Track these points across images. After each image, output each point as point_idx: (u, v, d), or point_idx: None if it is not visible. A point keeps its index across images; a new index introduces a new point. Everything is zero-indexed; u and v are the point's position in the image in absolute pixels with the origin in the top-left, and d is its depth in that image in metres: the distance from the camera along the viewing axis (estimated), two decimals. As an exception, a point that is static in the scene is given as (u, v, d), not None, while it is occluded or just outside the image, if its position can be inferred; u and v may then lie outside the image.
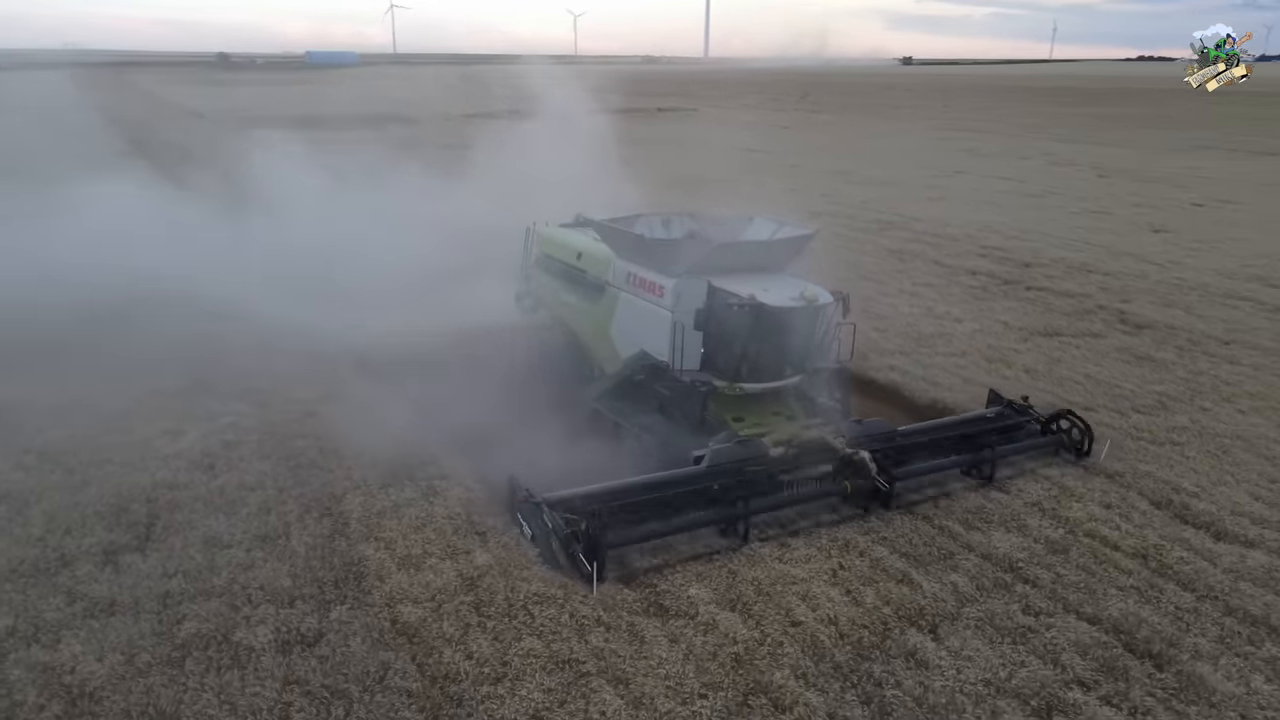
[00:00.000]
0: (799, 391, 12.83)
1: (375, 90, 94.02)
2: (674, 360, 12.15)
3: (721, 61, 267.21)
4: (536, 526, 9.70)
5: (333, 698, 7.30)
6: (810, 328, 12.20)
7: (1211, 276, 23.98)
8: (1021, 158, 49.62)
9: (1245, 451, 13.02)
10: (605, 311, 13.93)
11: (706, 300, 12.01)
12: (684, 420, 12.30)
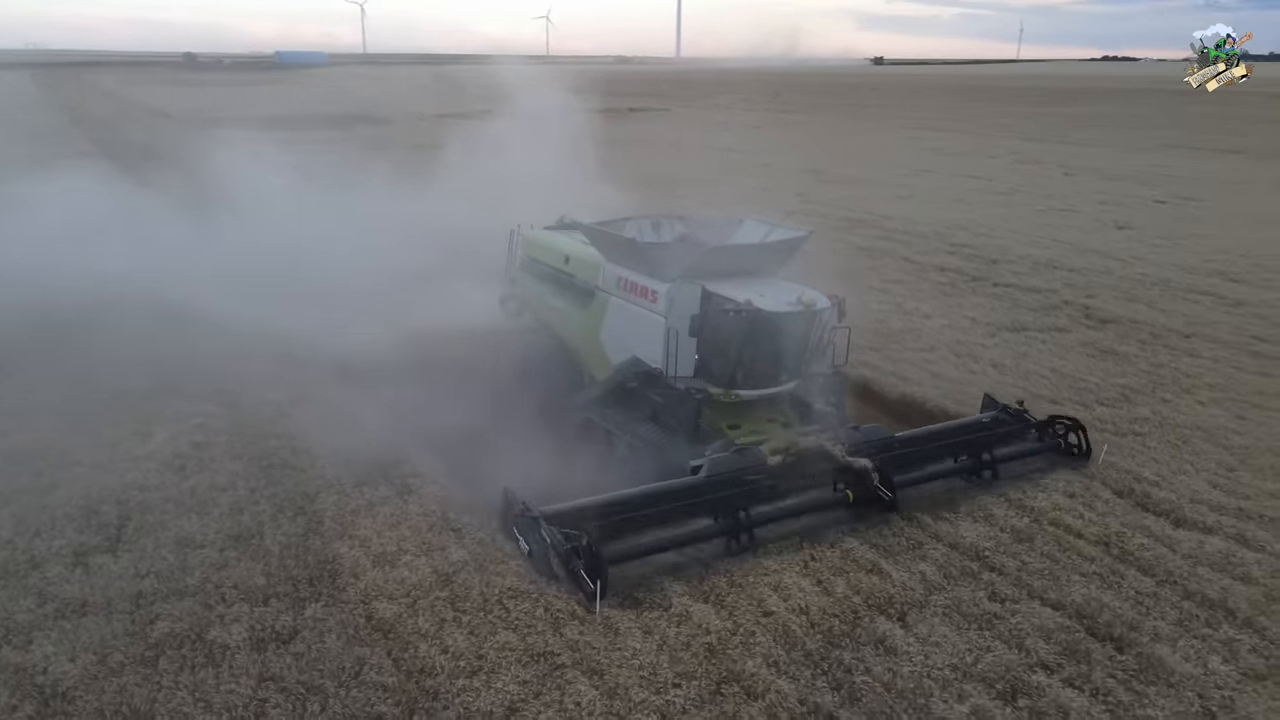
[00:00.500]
0: (794, 397, 12.63)
1: (346, 90, 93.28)
2: (668, 367, 11.91)
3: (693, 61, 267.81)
4: (534, 542, 9.35)
5: (308, 693, 7.33)
6: (807, 333, 12.03)
7: (1173, 272, 24.47)
8: (989, 156, 50.27)
9: (1204, 441, 13.34)
10: (595, 317, 13.70)
11: (701, 306, 11.82)
12: (678, 428, 12.04)
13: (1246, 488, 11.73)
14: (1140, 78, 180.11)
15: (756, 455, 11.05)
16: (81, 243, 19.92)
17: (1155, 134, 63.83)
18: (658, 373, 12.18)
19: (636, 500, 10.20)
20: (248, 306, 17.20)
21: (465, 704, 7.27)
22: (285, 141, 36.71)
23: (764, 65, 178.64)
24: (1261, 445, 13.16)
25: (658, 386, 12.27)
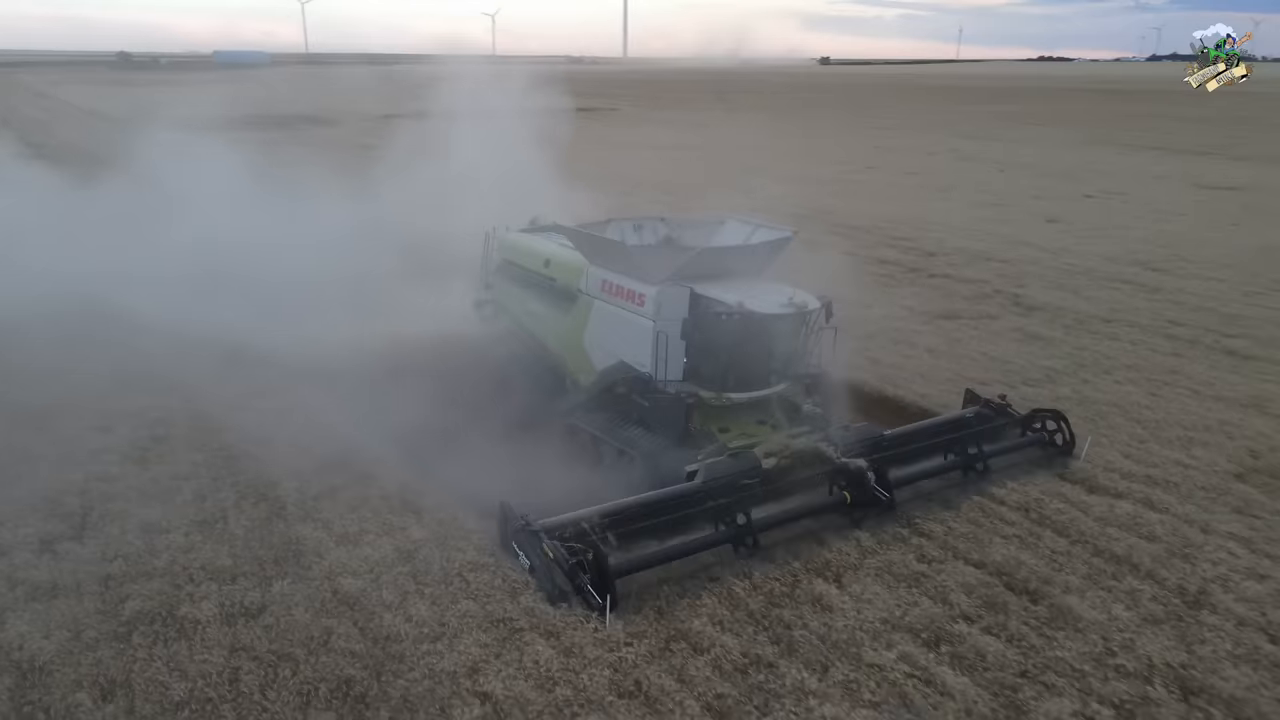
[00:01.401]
0: (783, 399, 12.48)
1: (289, 90, 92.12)
2: (657, 371, 11.65)
3: (642, 61, 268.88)
4: (536, 557, 9.06)
5: (279, 660, 7.73)
6: (797, 334, 11.99)
7: (1098, 262, 25.72)
8: (929, 154, 51.74)
9: (1119, 416, 14.27)
10: (578, 321, 13.44)
11: (690, 308, 11.61)
12: (667, 433, 11.81)
13: (1154, 457, 12.64)
14: (1074, 77, 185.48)
15: (751, 459, 10.95)
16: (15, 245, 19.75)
17: (1085, 132, 66.14)
18: (646, 376, 11.91)
19: (637, 509, 9.96)
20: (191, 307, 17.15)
21: (430, 665, 7.72)
22: (229, 143, 36.29)
23: (712, 65, 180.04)
24: (1170, 419, 14.13)
25: (646, 390, 12.00)
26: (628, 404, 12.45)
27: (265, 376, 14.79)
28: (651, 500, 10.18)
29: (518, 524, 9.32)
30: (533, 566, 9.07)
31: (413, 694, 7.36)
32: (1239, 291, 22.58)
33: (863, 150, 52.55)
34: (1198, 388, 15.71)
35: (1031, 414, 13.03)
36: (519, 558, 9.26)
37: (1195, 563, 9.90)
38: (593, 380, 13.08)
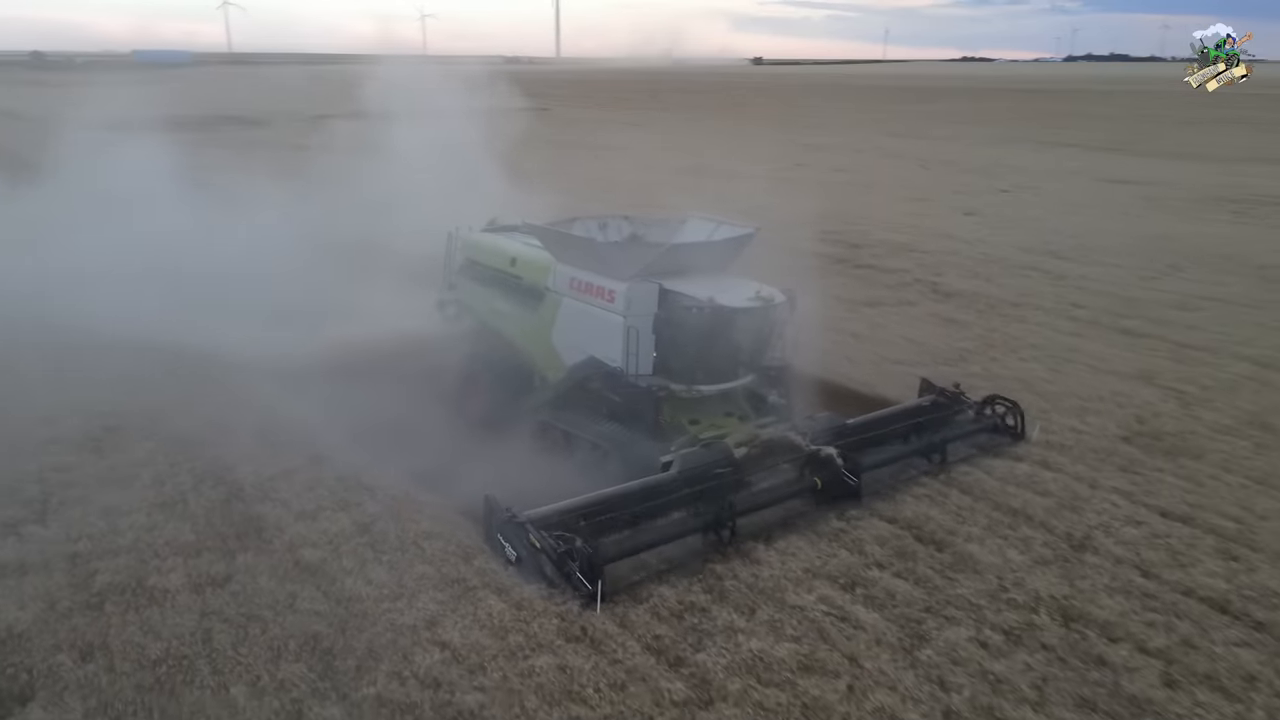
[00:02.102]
0: (748, 391, 12.86)
1: (215, 91, 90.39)
2: (628, 365, 11.87)
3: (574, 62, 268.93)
4: (523, 548, 9.25)
5: (249, 621, 8.28)
6: (764, 327, 12.33)
7: (1011, 251, 27.31)
8: (856, 151, 53.51)
9: (1023, 390, 15.42)
10: (545, 319, 13.53)
11: (660, 304, 11.86)
12: (639, 426, 12.02)
13: (1053, 425, 13.82)
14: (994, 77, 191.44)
15: (723, 449, 11.25)
16: None
17: (1003, 130, 68.91)
18: (617, 371, 12.10)
19: (618, 499, 10.20)
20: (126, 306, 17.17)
21: (391, 620, 8.36)
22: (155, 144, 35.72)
23: (646, 65, 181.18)
24: (1068, 391, 15.41)
25: (617, 385, 12.18)
26: (597, 399, 12.63)
27: (209, 373, 15.08)
28: (632, 490, 10.43)
29: (503, 516, 9.46)
30: (519, 557, 9.25)
31: (377, 645, 7.99)
32: (1136, 276, 24.30)
33: (793, 149, 54.01)
34: (1094, 363, 17.09)
35: (985, 401, 13.68)
36: (505, 549, 9.43)
37: (1082, 513, 11.04)
38: (562, 376, 13.24)
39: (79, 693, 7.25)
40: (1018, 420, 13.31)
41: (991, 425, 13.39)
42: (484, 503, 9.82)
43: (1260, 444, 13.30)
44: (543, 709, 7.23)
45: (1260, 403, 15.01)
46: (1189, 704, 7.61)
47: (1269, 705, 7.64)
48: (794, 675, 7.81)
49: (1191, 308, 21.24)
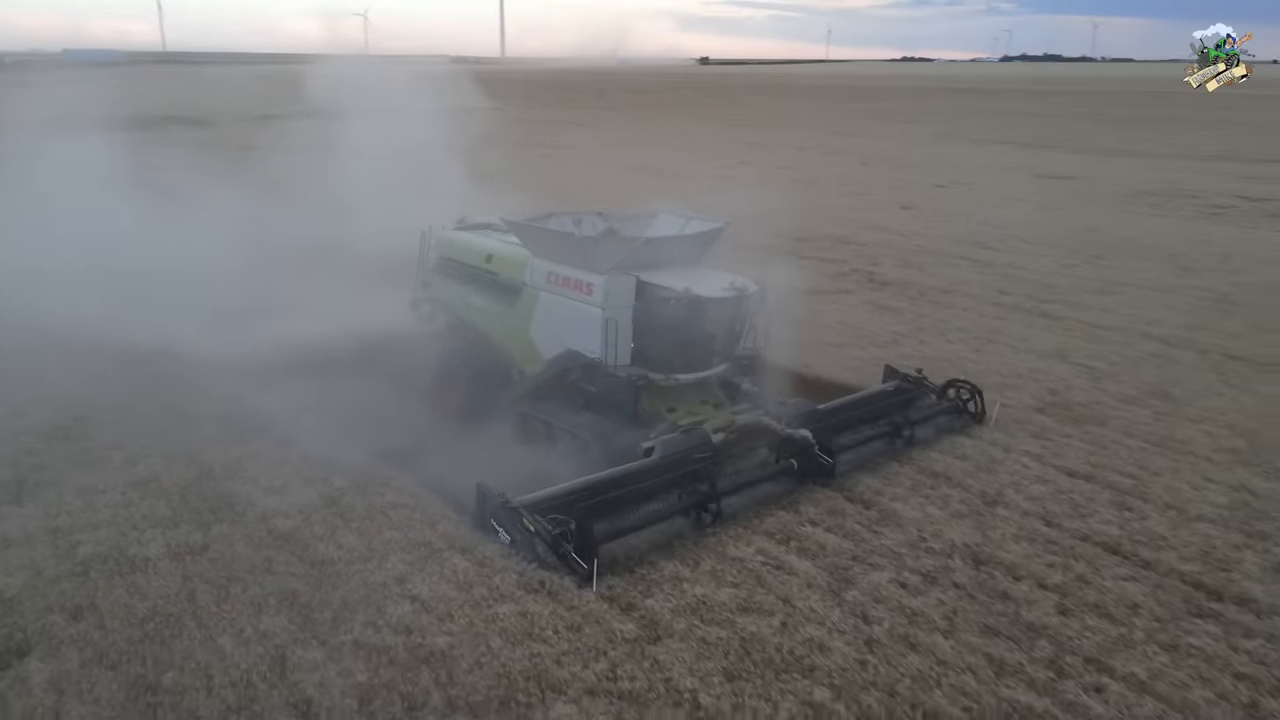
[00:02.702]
0: (722, 379, 13.27)
1: (153, 90, 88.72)
2: (607, 356, 12.20)
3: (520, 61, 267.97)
4: (517, 532, 9.55)
5: (229, 582, 8.88)
6: (737, 317, 12.76)
7: (943, 243, 28.66)
8: (798, 149, 54.89)
9: (950, 369, 16.49)
10: (523, 313, 13.82)
11: (638, 296, 12.20)
12: (618, 414, 12.32)
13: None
14: (933, 77, 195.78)
15: (702, 434, 11.61)
16: None
17: (941, 128, 71.05)
18: (596, 362, 12.44)
19: (605, 484, 10.53)
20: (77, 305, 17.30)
21: (363, 578, 9.03)
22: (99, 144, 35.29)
23: (592, 64, 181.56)
24: (990, 369, 16.55)
25: (596, 375, 12.52)
26: (574, 390, 12.97)
27: (167, 368, 15.34)
28: (619, 475, 10.77)
29: (496, 501, 9.74)
30: (513, 540, 9.54)
31: (351, 599, 8.65)
32: (1059, 265, 25.77)
33: (737, 147, 55.21)
34: (1014, 343, 18.33)
35: (946, 385, 14.33)
36: (498, 534, 9.69)
37: (996, 474, 12.11)
38: (541, 369, 13.55)
39: (74, 646, 7.80)
40: (978, 403, 13.98)
41: (953, 408, 14.02)
42: (476, 490, 10.01)
43: (1159, 412, 14.56)
44: (506, 648, 7.97)
45: (1161, 376, 16.33)
46: (1079, 628, 8.63)
47: (1148, 628, 8.69)
48: (733, 615, 8.66)
49: (1107, 293, 22.69)
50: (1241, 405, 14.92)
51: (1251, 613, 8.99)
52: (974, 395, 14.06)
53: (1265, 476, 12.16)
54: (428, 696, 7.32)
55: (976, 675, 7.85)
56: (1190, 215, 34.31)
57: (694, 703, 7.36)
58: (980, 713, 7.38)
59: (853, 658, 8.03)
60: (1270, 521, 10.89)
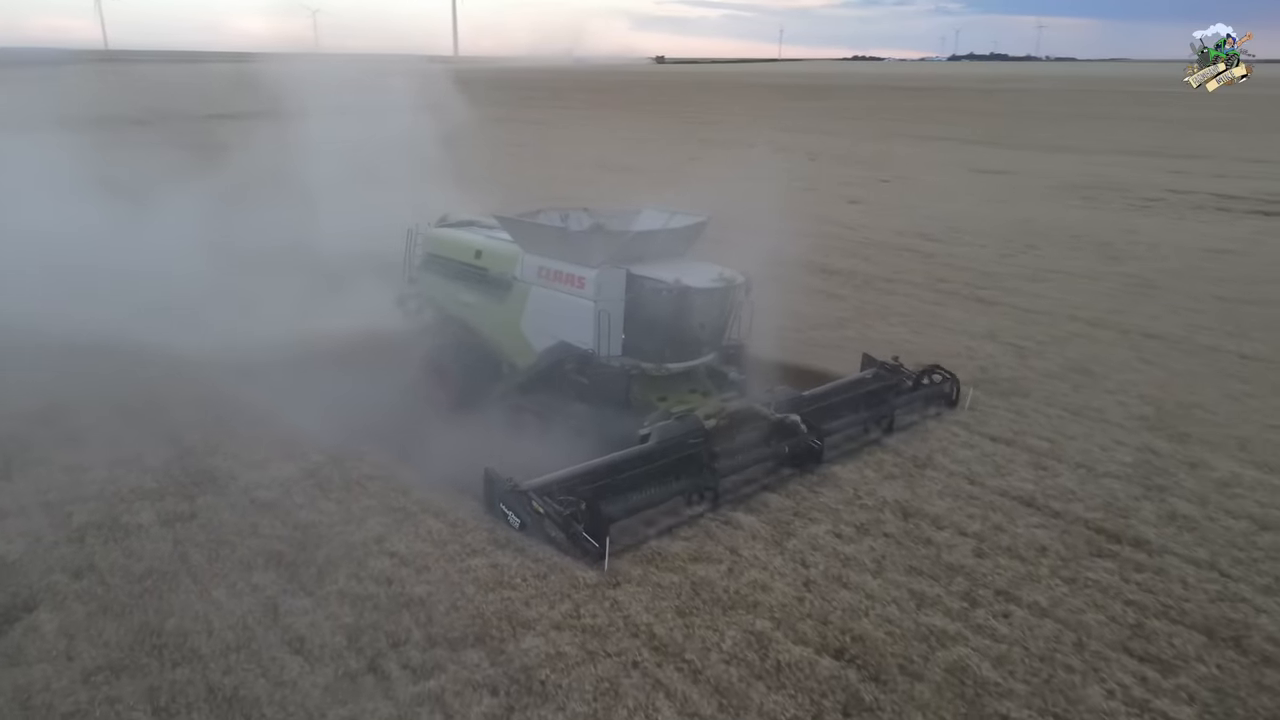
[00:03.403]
0: (709, 368, 13.58)
1: (98, 89, 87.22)
2: (599, 348, 12.55)
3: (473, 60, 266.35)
4: (526, 514, 9.89)
5: (219, 544, 9.55)
6: (725, 306, 13.14)
7: (888, 235, 29.93)
8: (748, 146, 56.12)
9: (889, 349, 17.56)
10: (514, 307, 14.04)
11: (629, 288, 12.49)
12: (611, 404, 12.63)
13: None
14: (882, 75, 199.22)
15: (695, 421, 11.97)
16: None
17: (889, 125, 72.90)
18: (589, 353, 12.77)
19: (606, 468, 10.86)
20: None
21: (344, 539, 9.76)
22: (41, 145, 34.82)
23: (548, 63, 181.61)
24: (927, 349, 17.65)
25: (589, 366, 12.84)
26: (566, 381, 13.34)
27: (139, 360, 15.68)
28: (619, 460, 11.09)
29: (505, 486, 10.07)
30: (523, 524, 9.91)
31: (334, 557, 9.38)
32: (995, 255, 27.14)
33: (690, 144, 56.25)
34: (951, 326, 19.52)
35: (923, 372, 14.94)
36: (507, 518, 10.08)
37: (927, 441, 13.16)
38: (532, 362, 13.84)
39: (79, 600, 8.45)
40: (954, 389, 14.66)
41: (930, 395, 14.63)
42: (484, 475, 10.31)
43: (1077, 384, 15.78)
44: (479, 594, 8.77)
45: (1083, 353, 17.61)
46: (991, 567, 9.68)
47: (1053, 565, 9.77)
48: (685, 563, 9.56)
49: (1039, 279, 24.06)
50: (1153, 378, 16.21)
51: (1145, 552, 10.11)
52: (947, 380, 14.76)
53: (1169, 439, 13.39)
54: (409, 634, 8.11)
55: (900, 606, 8.85)
56: (1120, 208, 36.07)
57: (650, 633, 8.24)
58: (901, 634, 8.36)
59: (791, 595, 8.98)
60: (1169, 477, 12.09)
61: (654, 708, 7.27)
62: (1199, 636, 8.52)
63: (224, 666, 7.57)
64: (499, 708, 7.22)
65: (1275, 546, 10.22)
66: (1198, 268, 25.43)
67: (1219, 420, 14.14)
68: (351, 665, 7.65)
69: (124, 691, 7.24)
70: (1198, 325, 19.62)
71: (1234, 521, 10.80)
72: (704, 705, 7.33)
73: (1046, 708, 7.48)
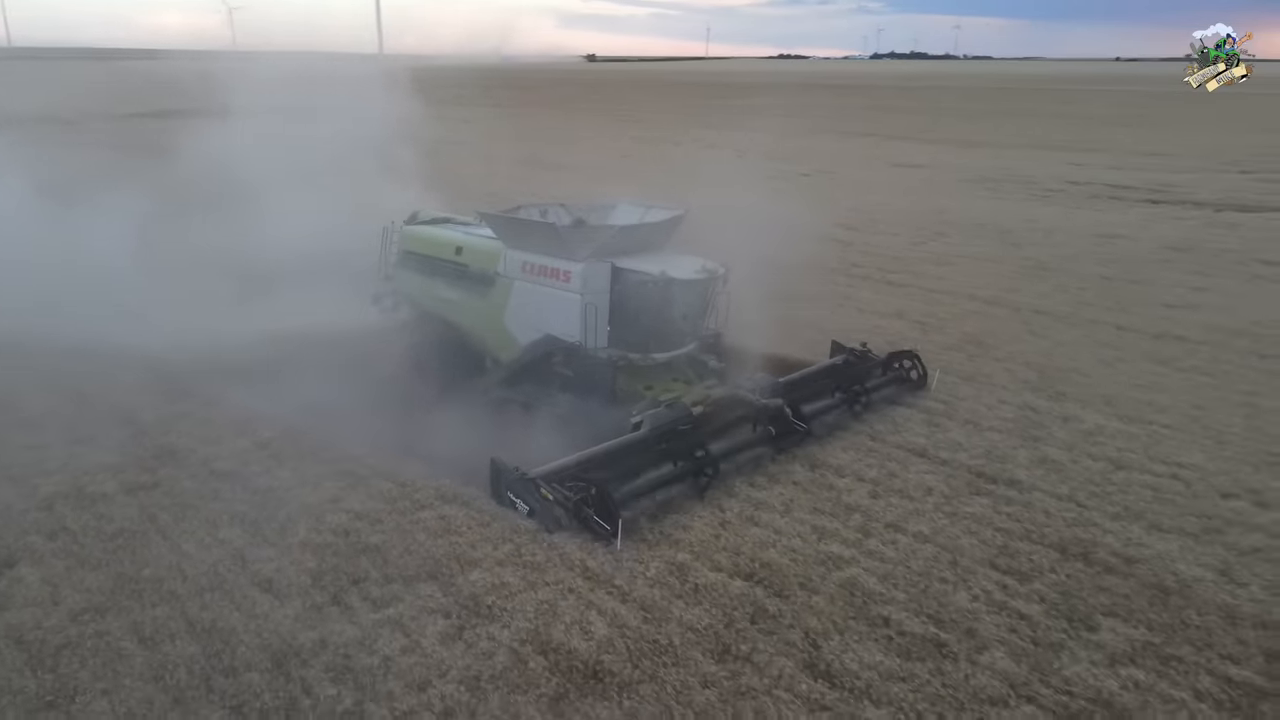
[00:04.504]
0: (690, 357, 13.90)
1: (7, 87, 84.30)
2: (586, 339, 12.79)
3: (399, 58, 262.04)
4: (535, 501, 10.08)
5: (183, 508, 10.34)
6: (708, 297, 13.54)
7: (808, 225, 31.50)
8: (675, 144, 57.51)
9: (806, 329, 19.08)
10: (497, 302, 14.19)
11: (613, 281, 12.76)
12: (598, 393, 12.89)
13: (824, 349, 17.37)
14: (807, 73, 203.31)
15: (683, 408, 12.22)
16: None
17: (812, 121, 75.13)
18: (575, 346, 13.01)
19: (604, 456, 11.10)
20: None
21: (303, 500, 10.61)
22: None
23: (476, 62, 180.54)
24: (839, 327, 19.06)
25: (576, 358, 13.09)
26: (550, 373, 13.59)
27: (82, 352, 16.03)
28: (615, 448, 11.33)
29: (513, 475, 10.30)
30: (532, 510, 10.13)
31: (293, 514, 10.25)
32: (907, 242, 28.89)
33: (620, 141, 57.47)
34: (862, 306, 21.05)
35: (890, 356, 15.40)
36: (516, 505, 10.30)
37: (835, 404, 14.49)
38: (516, 355, 14.05)
39: (57, 556, 9.18)
40: (921, 371, 15.28)
41: (899, 378, 15.22)
42: (490, 465, 10.56)
43: (971, 354, 17.35)
44: (429, 540, 9.75)
45: (979, 327, 19.25)
46: (884, 506, 11.01)
47: (936, 503, 11.14)
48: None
49: (945, 264, 25.82)
50: (1038, 348, 17.89)
51: (1016, 490, 11.57)
52: (915, 363, 15.31)
53: (1047, 398, 14.98)
54: (368, 574, 9.06)
55: (803, 539, 10.10)
56: (1023, 198, 38.37)
57: (583, 567, 9.32)
58: (803, 560, 9.61)
59: (709, 533, 10.16)
60: (1043, 429, 13.63)
61: (588, 621, 8.37)
62: (1053, 553, 9.97)
63: (200, 604, 8.42)
64: (451, 627, 8.23)
65: (1126, 482, 11.80)
66: (1088, 251, 27.52)
67: (1092, 382, 15.81)
68: (317, 599, 8.58)
69: (110, 627, 8.04)
70: (1083, 302, 21.49)
71: (1094, 463, 12.36)
72: (631, 618, 8.45)
73: (921, 610, 8.80)
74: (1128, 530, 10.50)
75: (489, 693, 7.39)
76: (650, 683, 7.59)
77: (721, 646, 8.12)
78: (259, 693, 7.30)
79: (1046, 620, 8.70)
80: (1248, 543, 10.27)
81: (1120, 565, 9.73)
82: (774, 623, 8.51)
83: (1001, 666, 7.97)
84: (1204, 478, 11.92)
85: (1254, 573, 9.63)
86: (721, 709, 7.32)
